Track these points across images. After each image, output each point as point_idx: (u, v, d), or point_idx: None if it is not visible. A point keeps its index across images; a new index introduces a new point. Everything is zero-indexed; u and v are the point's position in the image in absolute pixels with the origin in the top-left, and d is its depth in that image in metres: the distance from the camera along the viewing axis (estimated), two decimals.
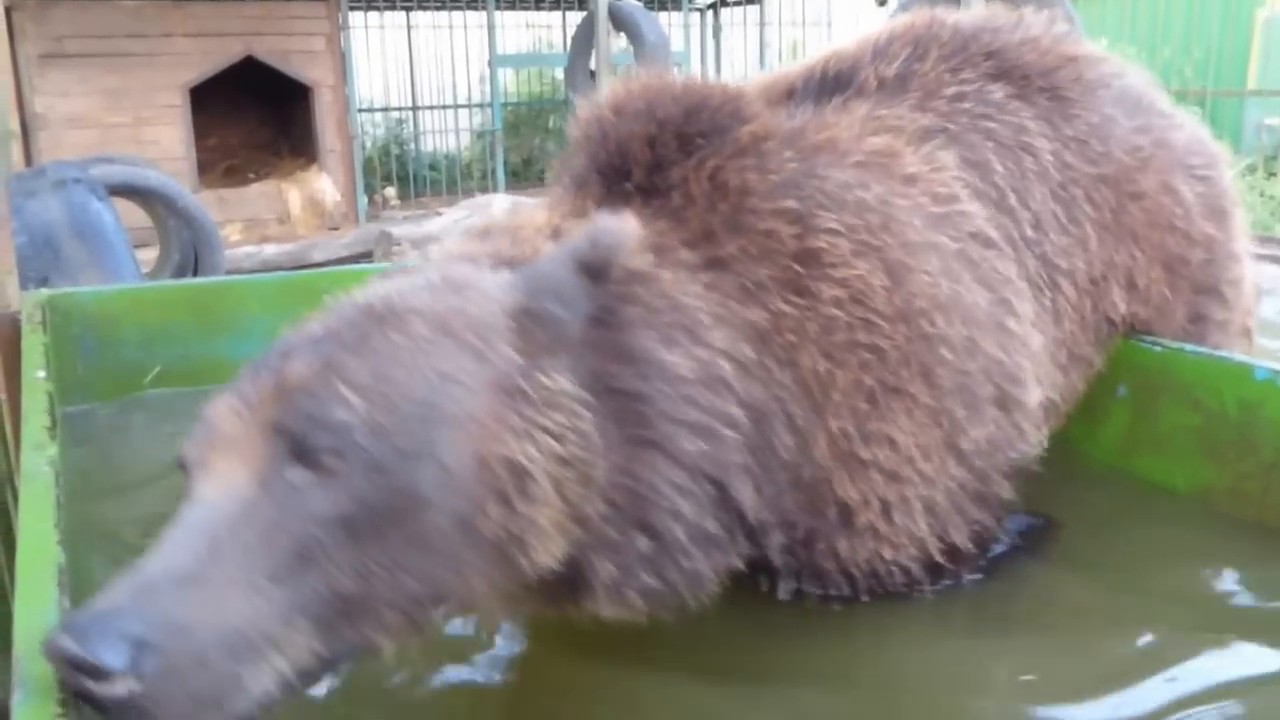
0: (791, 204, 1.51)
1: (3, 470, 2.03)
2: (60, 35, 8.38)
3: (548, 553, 1.21)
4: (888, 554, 1.55)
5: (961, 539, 1.61)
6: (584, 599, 1.34)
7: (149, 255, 6.41)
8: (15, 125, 7.13)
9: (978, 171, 1.76)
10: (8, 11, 7.61)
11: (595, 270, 1.25)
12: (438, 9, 12.09)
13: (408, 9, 12.11)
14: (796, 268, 1.48)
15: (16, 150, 7.02)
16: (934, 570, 1.61)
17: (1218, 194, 2.10)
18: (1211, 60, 9.47)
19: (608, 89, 1.65)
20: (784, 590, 1.59)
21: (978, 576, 1.68)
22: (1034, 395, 1.69)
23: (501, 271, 1.30)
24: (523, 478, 1.15)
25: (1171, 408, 1.95)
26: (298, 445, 1.06)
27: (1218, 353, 1.93)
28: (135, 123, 8.68)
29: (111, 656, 0.89)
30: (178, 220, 6.19)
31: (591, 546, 1.28)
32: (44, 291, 2.39)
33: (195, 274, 6.21)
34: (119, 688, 0.89)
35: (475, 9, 11.69)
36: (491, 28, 10.95)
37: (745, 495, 1.42)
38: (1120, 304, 1.94)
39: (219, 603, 0.97)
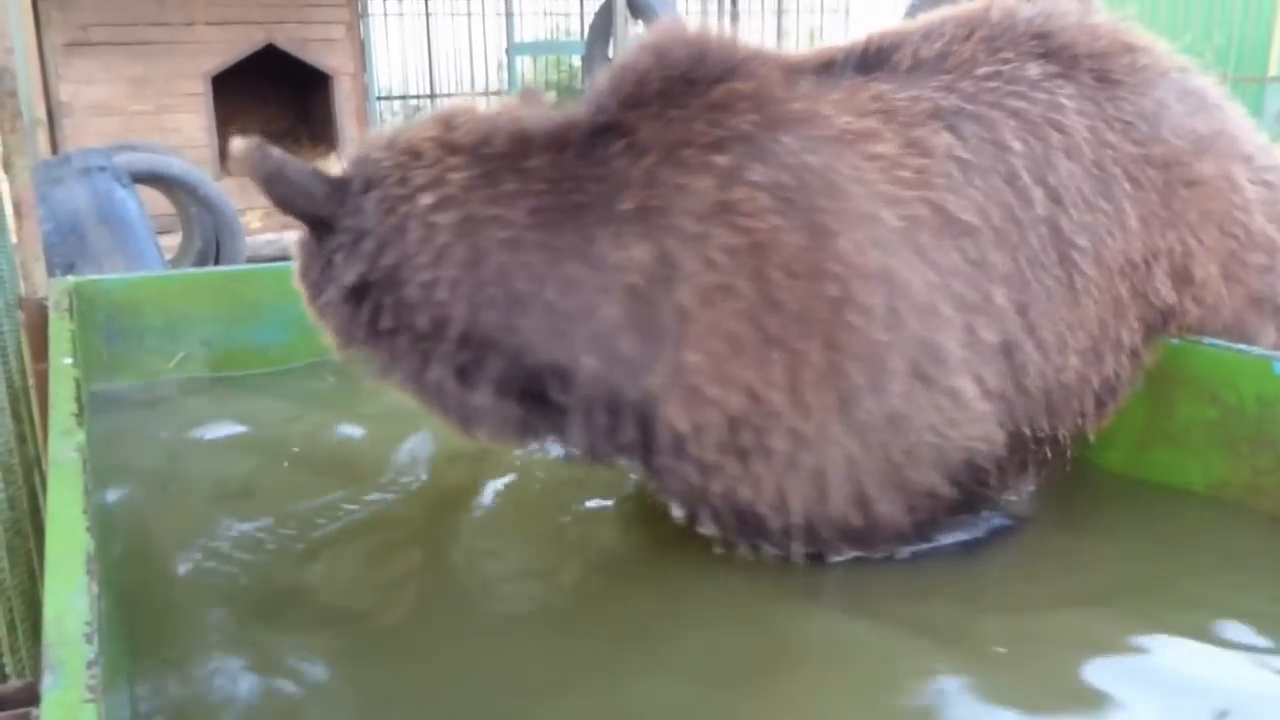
0: (724, 160, 1.54)
1: (30, 455, 2.05)
2: (85, 24, 8.44)
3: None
4: (745, 494, 1.58)
5: (857, 515, 1.59)
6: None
7: (172, 241, 6.48)
8: (42, 113, 7.21)
9: (990, 150, 1.73)
10: (34, 0, 7.68)
11: (263, 179, 1.56)
12: None
13: None
14: (691, 218, 1.53)
15: (43, 137, 7.11)
16: (817, 534, 1.61)
17: None
18: (1233, 46, 9.32)
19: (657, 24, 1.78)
20: (676, 511, 1.66)
21: (905, 555, 1.66)
22: (966, 385, 1.63)
23: None
24: None
25: (1188, 401, 1.93)
26: None
27: (1236, 346, 1.90)
28: (158, 110, 8.73)
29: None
30: (200, 207, 6.25)
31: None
32: (71, 278, 2.39)
33: (217, 260, 6.27)
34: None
35: None
36: (509, 15, 10.94)
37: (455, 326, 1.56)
38: (1167, 293, 1.86)
39: None
